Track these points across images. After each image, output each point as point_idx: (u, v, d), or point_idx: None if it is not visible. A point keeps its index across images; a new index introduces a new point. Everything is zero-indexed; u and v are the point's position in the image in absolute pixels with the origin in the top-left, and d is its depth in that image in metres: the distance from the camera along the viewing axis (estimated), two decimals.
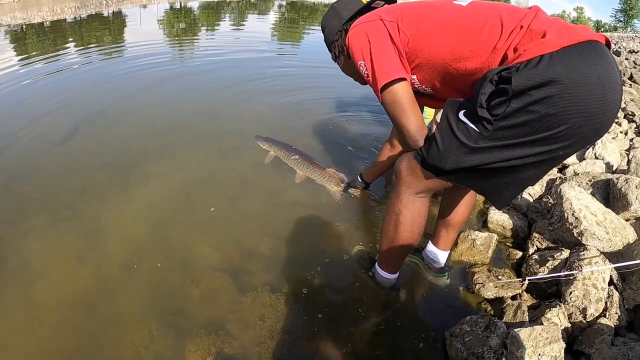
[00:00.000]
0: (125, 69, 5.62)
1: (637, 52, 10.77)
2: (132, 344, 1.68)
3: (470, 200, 1.86)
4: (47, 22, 10.21)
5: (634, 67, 8.03)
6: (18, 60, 6.12)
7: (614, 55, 1.29)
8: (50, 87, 4.81)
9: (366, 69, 1.53)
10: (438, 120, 1.44)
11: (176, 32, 10.15)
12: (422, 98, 1.66)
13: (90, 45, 7.47)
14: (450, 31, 1.39)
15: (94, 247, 2.18)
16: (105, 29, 9.81)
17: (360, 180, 2.66)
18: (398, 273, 1.92)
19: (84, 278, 2.00)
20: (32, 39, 8.12)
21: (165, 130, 3.57)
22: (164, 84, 4.97)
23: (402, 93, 1.49)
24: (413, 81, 1.57)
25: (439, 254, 1.99)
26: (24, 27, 9.33)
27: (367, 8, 1.70)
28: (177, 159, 3.07)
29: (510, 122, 1.21)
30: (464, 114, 1.33)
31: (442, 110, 1.45)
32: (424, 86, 1.57)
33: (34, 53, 6.59)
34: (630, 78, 6.95)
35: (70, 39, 8.18)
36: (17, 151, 3.18)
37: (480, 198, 2.65)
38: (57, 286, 1.95)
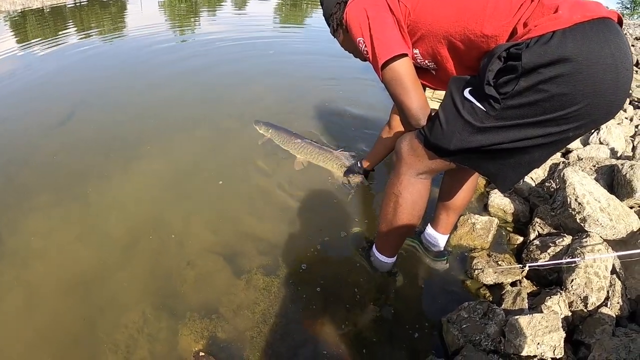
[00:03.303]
0: (122, 53, 5.57)
1: None
2: (125, 327, 1.68)
3: (472, 183, 1.81)
4: (47, 8, 10.06)
5: None
6: (16, 46, 6.07)
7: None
8: (47, 71, 4.79)
9: (365, 46, 1.46)
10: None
11: (177, 15, 9.99)
12: (425, 78, 1.59)
13: (89, 30, 7.36)
14: (454, 1, 1.32)
15: (91, 230, 2.17)
16: (106, 13, 9.65)
17: (359, 166, 2.58)
18: (396, 257, 1.87)
19: (81, 260, 1.99)
20: (31, 24, 8.01)
21: (163, 113, 3.53)
22: (163, 67, 4.89)
23: (403, 70, 1.42)
24: (415, 55, 1.50)
25: (439, 238, 1.95)
26: (24, 12, 9.20)
27: None
28: (174, 141, 3.04)
29: (519, 101, 1.16)
30: (470, 92, 1.27)
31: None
32: (426, 61, 1.50)
33: (32, 38, 6.55)
34: (637, 65, 6.84)
35: (70, 24, 8.05)
36: (14, 135, 3.18)
37: (482, 181, 2.60)
38: (54, 269, 1.94)
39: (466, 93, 1.27)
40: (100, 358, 1.58)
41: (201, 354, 1.56)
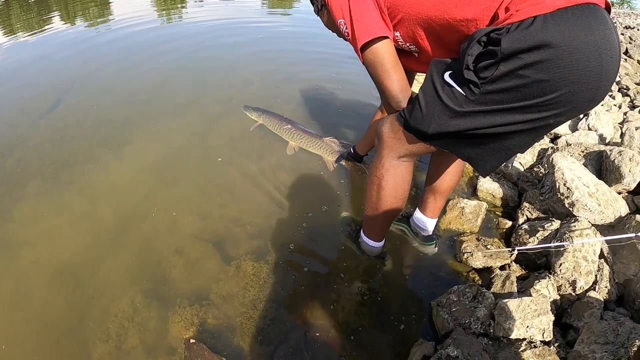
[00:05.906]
0: (108, 40, 5.43)
1: (633, 28, 10.69)
2: (115, 316, 1.67)
3: (458, 167, 1.81)
4: None
5: (630, 43, 7.96)
6: (0, 35, 5.91)
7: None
8: (32, 59, 4.69)
9: (346, 28, 1.45)
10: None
11: (163, 1, 9.81)
12: (407, 61, 1.57)
13: (75, 17, 7.17)
14: None
15: (80, 218, 2.15)
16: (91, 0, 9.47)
17: (353, 152, 2.56)
18: (384, 241, 1.87)
19: (70, 249, 1.97)
20: (15, 13, 7.82)
21: (150, 99, 3.47)
22: (149, 53, 4.77)
23: (383, 52, 1.41)
24: (396, 38, 1.48)
25: (427, 222, 1.94)
26: (7, 1, 8.98)
27: None
28: (162, 127, 3.00)
29: (499, 86, 1.14)
30: (450, 76, 1.25)
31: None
32: (407, 44, 1.48)
33: (17, 27, 6.41)
34: (626, 53, 6.92)
35: (55, 11, 7.86)
36: (0, 124, 3.12)
37: (470, 166, 2.60)
38: (43, 258, 1.92)
39: (446, 76, 1.26)
40: (90, 348, 1.57)
41: (192, 341, 1.55)
